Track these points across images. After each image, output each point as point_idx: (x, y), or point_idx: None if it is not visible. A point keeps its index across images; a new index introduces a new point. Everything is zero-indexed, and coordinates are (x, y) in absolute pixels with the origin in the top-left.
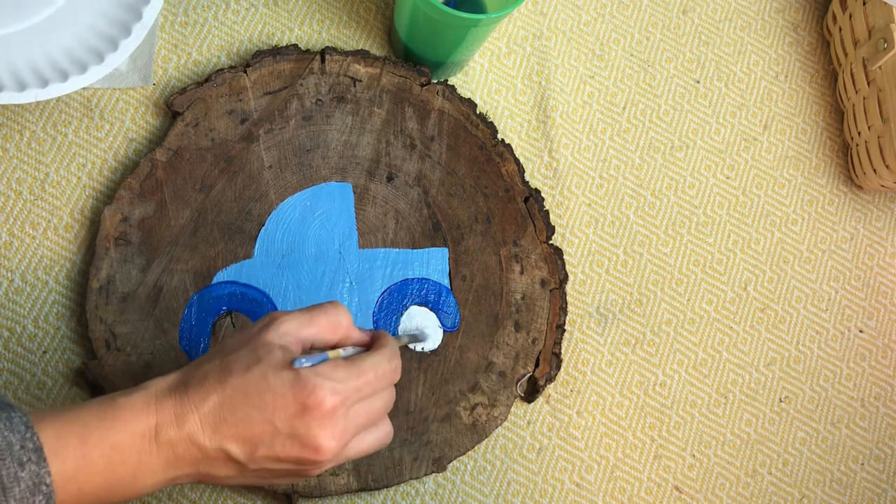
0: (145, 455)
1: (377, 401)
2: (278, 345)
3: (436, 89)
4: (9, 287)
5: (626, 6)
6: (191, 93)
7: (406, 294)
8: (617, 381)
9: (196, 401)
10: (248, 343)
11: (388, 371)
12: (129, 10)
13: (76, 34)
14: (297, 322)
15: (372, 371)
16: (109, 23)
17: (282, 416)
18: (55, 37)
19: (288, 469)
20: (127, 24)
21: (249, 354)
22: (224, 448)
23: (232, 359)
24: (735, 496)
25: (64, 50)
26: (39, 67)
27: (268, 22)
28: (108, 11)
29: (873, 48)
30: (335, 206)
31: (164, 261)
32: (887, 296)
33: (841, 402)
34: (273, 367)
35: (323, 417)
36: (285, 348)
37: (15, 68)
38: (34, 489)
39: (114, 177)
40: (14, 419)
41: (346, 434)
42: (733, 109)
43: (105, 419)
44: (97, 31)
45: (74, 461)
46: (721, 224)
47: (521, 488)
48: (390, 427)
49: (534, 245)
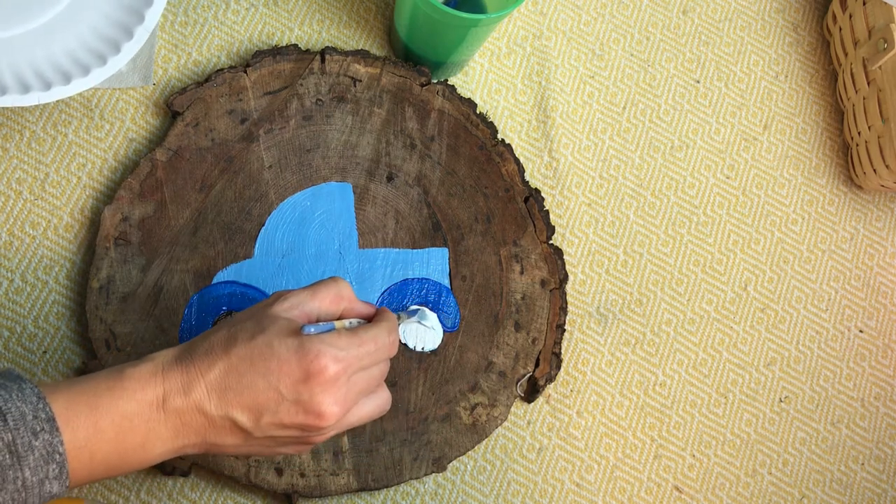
0: (154, 423)
1: (375, 370)
2: (284, 317)
3: (436, 89)
4: (9, 287)
5: (626, 6)
6: (191, 93)
7: (406, 294)
8: (617, 381)
9: (202, 369)
10: (254, 315)
11: (388, 343)
12: (131, 12)
13: (79, 36)
14: (301, 296)
15: (372, 342)
16: (112, 25)
17: (286, 382)
18: (58, 39)
19: (292, 436)
20: (129, 26)
21: (255, 325)
22: (230, 416)
23: (238, 329)
24: (735, 496)
25: (67, 52)
26: (42, 70)
27: (268, 22)
28: (110, 13)
29: (873, 48)
30: (335, 206)
31: (164, 261)
32: (887, 296)
33: (841, 402)
34: (277, 335)
35: (326, 383)
36: (290, 320)
37: (18, 71)
38: (48, 458)
39: (114, 177)
40: (26, 390)
41: (348, 400)
42: (733, 109)
43: (114, 389)
44: (99, 34)
45: (85, 430)
46: (721, 224)
47: (521, 488)
48: (388, 394)
49: (534, 245)
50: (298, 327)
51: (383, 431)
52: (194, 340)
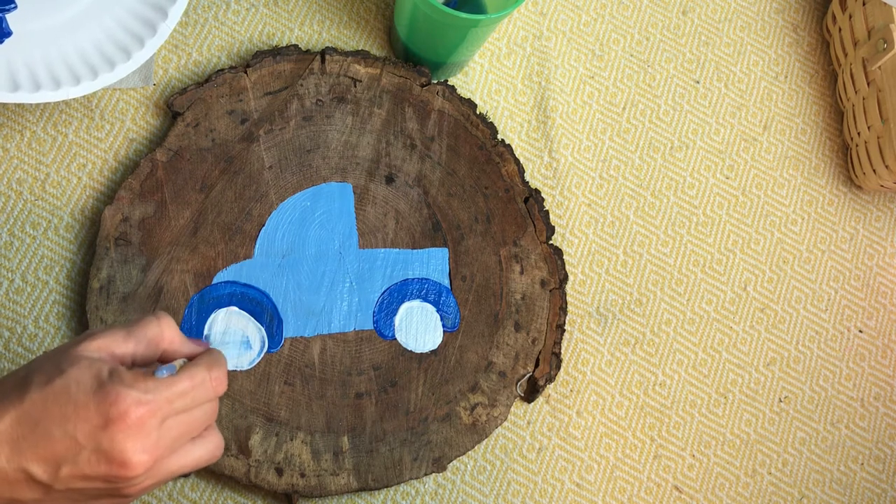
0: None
1: (197, 412)
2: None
3: (436, 89)
4: (9, 287)
5: (626, 6)
6: (191, 93)
7: (406, 294)
8: (617, 381)
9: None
10: (54, 357)
11: (207, 380)
12: (155, 8)
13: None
14: (113, 336)
15: (188, 380)
16: (136, 19)
17: (84, 429)
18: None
19: (99, 488)
20: (153, 21)
21: (53, 367)
22: (24, 468)
23: (34, 373)
24: (735, 496)
25: (94, 45)
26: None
27: (268, 22)
28: (135, 8)
29: (873, 48)
30: (335, 206)
31: (164, 261)
32: (887, 296)
33: (841, 402)
34: (77, 378)
35: (129, 429)
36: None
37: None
38: None
39: (114, 177)
40: None
41: (161, 447)
42: (733, 110)
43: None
44: (126, 27)
45: None
46: (721, 224)
47: (521, 488)
48: (219, 438)
49: (534, 245)
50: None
51: (383, 431)
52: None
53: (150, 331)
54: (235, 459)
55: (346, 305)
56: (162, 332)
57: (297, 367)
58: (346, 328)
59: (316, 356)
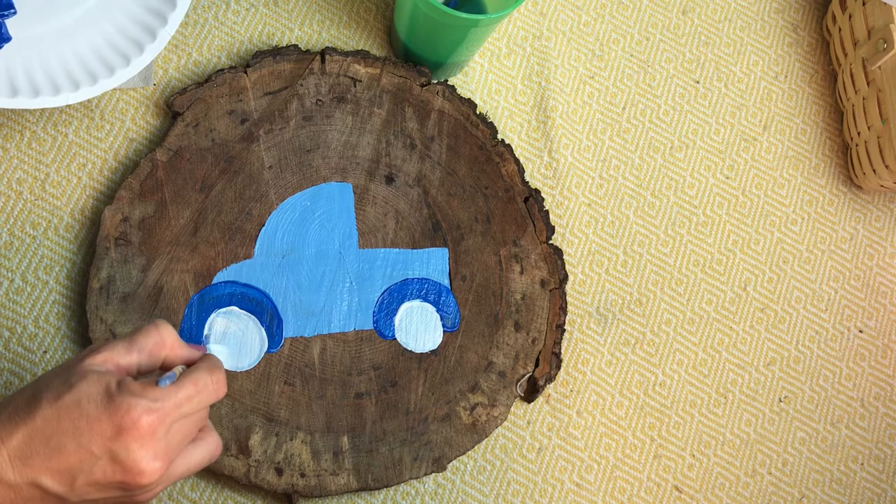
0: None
1: (195, 416)
2: (95, 371)
3: (436, 89)
4: (9, 287)
5: (626, 6)
6: (191, 93)
7: (406, 294)
8: (617, 381)
9: (3, 436)
10: (62, 373)
11: (209, 384)
12: (154, 14)
13: (105, 35)
14: (117, 348)
15: (192, 385)
16: (136, 25)
17: (98, 440)
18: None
19: (114, 496)
20: (153, 27)
21: (62, 383)
22: (37, 482)
23: (43, 388)
24: (735, 496)
25: (94, 51)
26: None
27: (268, 22)
28: (135, 14)
29: (873, 48)
30: (335, 206)
31: (164, 261)
32: (887, 296)
33: (841, 402)
34: (86, 392)
35: (142, 438)
36: (102, 374)
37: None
38: None
39: (114, 177)
40: None
41: (171, 452)
42: (733, 110)
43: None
44: (125, 33)
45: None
46: (721, 224)
47: (521, 488)
48: (217, 437)
49: (534, 245)
50: (112, 382)
51: (383, 431)
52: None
53: (150, 339)
54: (235, 459)
55: (345, 305)
56: (163, 339)
57: (297, 367)
58: (346, 328)
59: (316, 356)
